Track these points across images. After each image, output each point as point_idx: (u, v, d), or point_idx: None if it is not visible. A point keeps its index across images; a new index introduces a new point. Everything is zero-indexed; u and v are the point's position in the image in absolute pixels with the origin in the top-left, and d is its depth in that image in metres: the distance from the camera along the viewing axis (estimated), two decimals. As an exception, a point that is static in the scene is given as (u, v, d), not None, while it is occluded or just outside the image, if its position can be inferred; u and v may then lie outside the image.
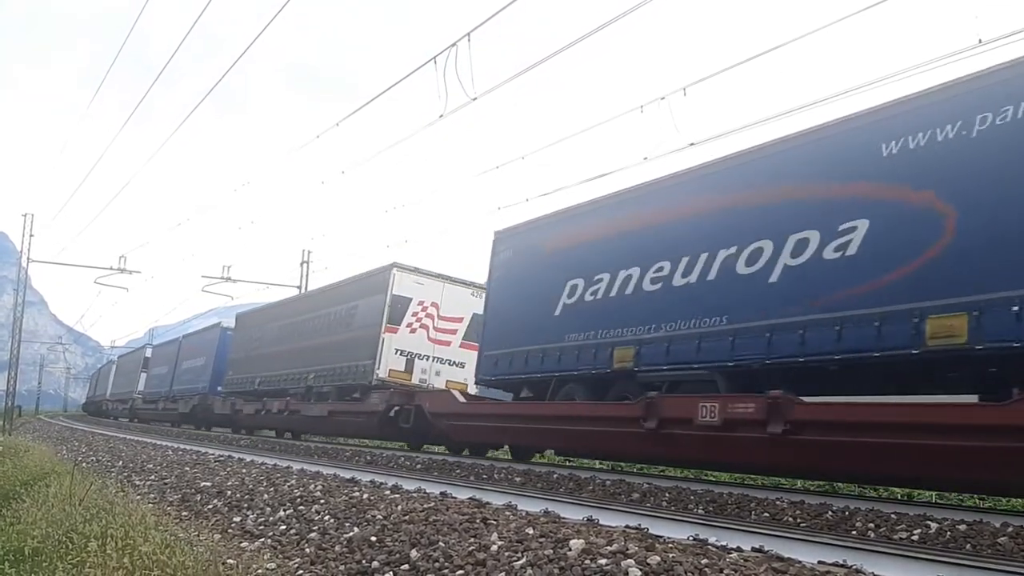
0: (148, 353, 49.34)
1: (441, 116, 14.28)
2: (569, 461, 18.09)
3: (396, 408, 18.79)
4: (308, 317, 25.87)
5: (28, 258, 42.78)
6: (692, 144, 13.44)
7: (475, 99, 13.24)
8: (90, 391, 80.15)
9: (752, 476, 15.26)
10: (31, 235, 43.39)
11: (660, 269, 12.18)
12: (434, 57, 13.05)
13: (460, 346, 21.06)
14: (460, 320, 21.08)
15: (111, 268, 40.36)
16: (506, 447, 18.74)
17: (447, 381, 20.40)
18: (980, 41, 10.09)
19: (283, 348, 26.99)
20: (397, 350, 20.42)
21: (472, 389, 18.76)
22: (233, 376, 31.00)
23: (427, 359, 20.86)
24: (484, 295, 17.56)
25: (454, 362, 21.08)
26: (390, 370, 20.24)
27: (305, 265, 42.49)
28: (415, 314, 20.71)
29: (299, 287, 40.55)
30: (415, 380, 20.43)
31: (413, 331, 20.68)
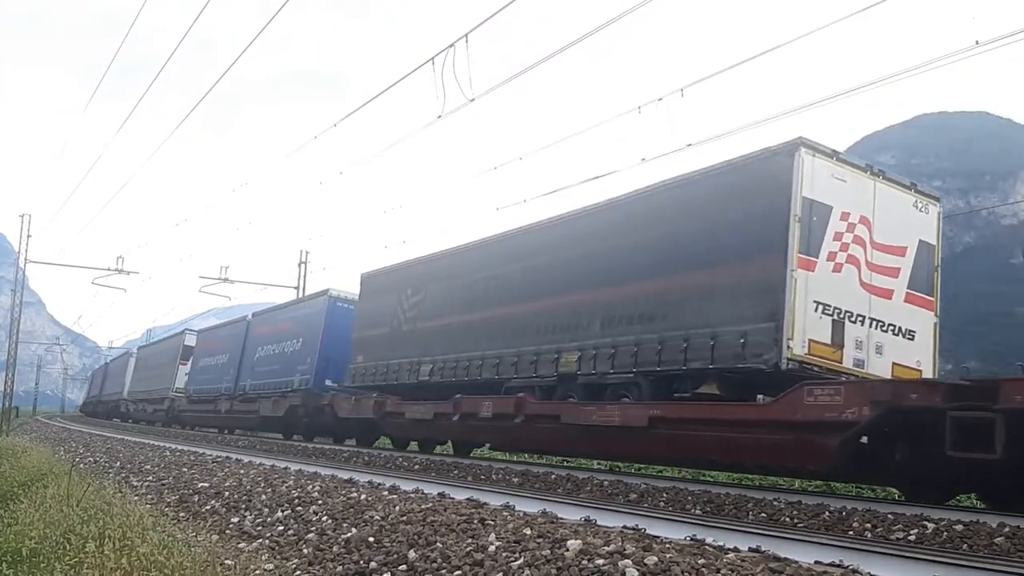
0: (189, 340, 39.29)
1: (439, 117, 14.30)
2: (567, 462, 18.11)
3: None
4: (567, 254, 15.05)
5: (26, 259, 42.75)
6: (689, 145, 13.46)
7: (473, 100, 13.26)
8: (92, 390, 73.50)
9: (749, 477, 15.28)
10: (29, 236, 43.36)
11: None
12: (432, 58, 13.05)
13: (905, 300, 11.84)
14: (903, 252, 11.92)
15: (109, 269, 40.35)
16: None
17: (893, 365, 11.54)
18: (977, 42, 10.13)
19: (496, 313, 16.46)
20: (817, 304, 11.01)
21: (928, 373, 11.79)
22: (367, 363, 20.93)
23: (863, 322, 11.39)
24: (933, 210, 12.29)
25: (899, 329, 11.73)
26: (810, 342, 10.86)
27: (303, 266, 42.51)
28: (839, 236, 11.36)
29: (297, 288, 40.55)
30: (848, 363, 11.14)
31: (838, 269, 11.31)
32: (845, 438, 9.56)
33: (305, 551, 6.21)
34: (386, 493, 8.17)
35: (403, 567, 5.30)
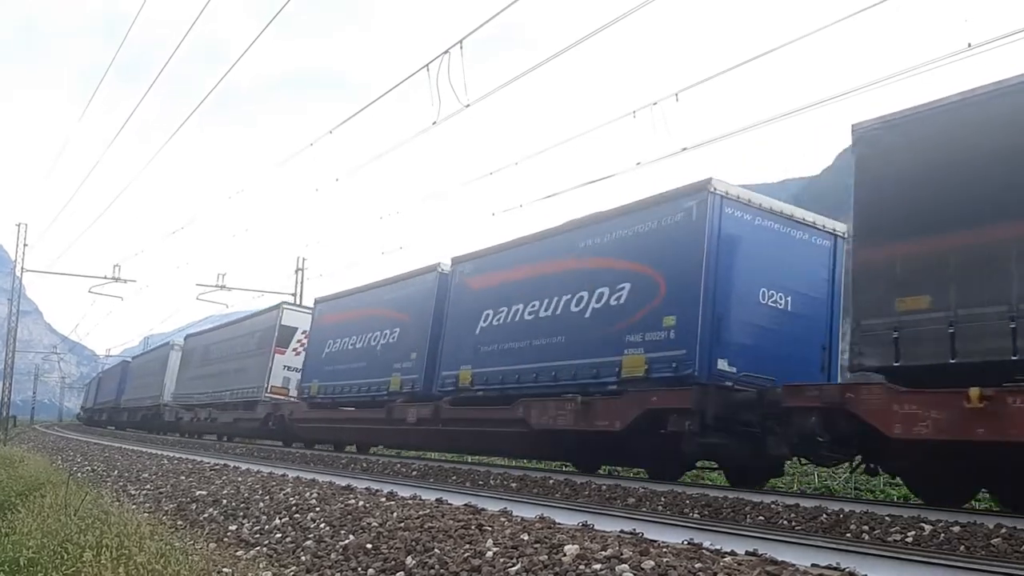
0: (290, 318, 28.36)
1: (434, 123, 14.32)
2: (565, 466, 18.13)
3: None
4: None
5: (23, 267, 42.74)
6: (684, 149, 13.51)
7: (468, 106, 13.29)
8: (99, 397, 65.00)
9: (746, 482, 15.27)
10: (25, 244, 43.38)
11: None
12: (427, 64, 13.09)
13: None
14: None
15: (105, 277, 40.39)
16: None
17: None
18: (969, 45, 10.17)
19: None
20: None
21: None
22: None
23: None
24: None
25: None
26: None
27: (300, 272, 42.53)
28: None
29: (293, 295, 40.56)
30: None
31: None
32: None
33: (303, 558, 6.21)
34: (384, 499, 8.16)
35: (401, 574, 5.30)
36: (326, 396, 22.16)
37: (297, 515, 7.62)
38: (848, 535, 6.94)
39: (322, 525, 7.01)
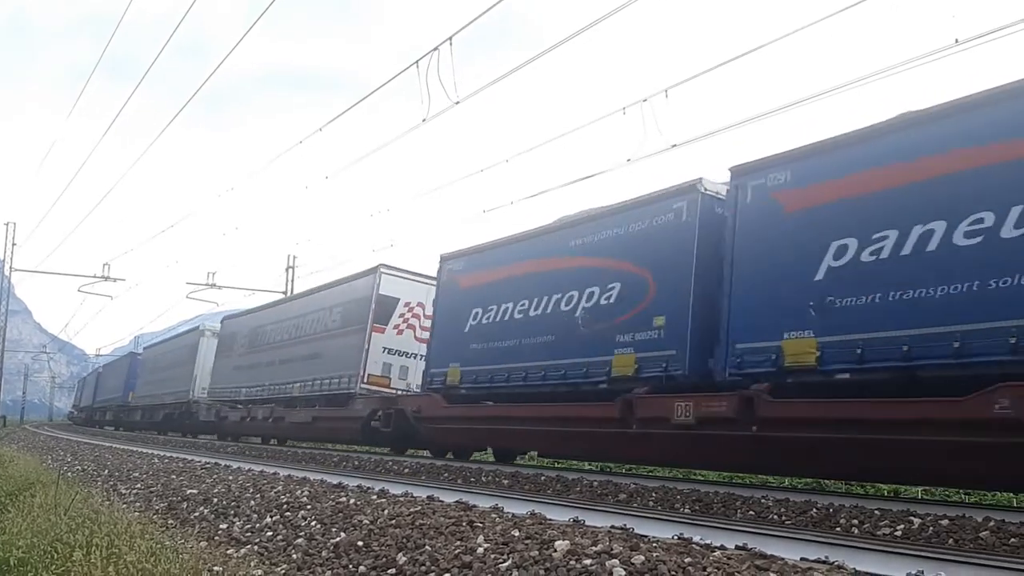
0: (389, 285, 21.49)
1: (424, 120, 14.32)
2: (557, 463, 18.13)
3: None
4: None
5: (11, 267, 42.59)
6: (674, 145, 13.53)
7: (458, 103, 13.29)
8: (93, 395, 61.17)
9: (739, 475, 15.33)
10: (14, 244, 43.22)
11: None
12: (416, 61, 13.07)
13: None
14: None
15: (95, 276, 40.28)
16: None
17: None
18: (956, 41, 10.20)
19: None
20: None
21: None
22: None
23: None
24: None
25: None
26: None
27: (291, 270, 42.47)
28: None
29: (285, 292, 40.46)
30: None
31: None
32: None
33: (294, 556, 6.20)
34: (375, 497, 8.16)
35: (392, 571, 5.30)
36: (477, 386, 15.77)
37: (288, 513, 7.61)
38: (838, 529, 6.98)
39: (313, 523, 7.00)
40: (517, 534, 5.36)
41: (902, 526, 6.74)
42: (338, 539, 6.28)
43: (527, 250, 15.31)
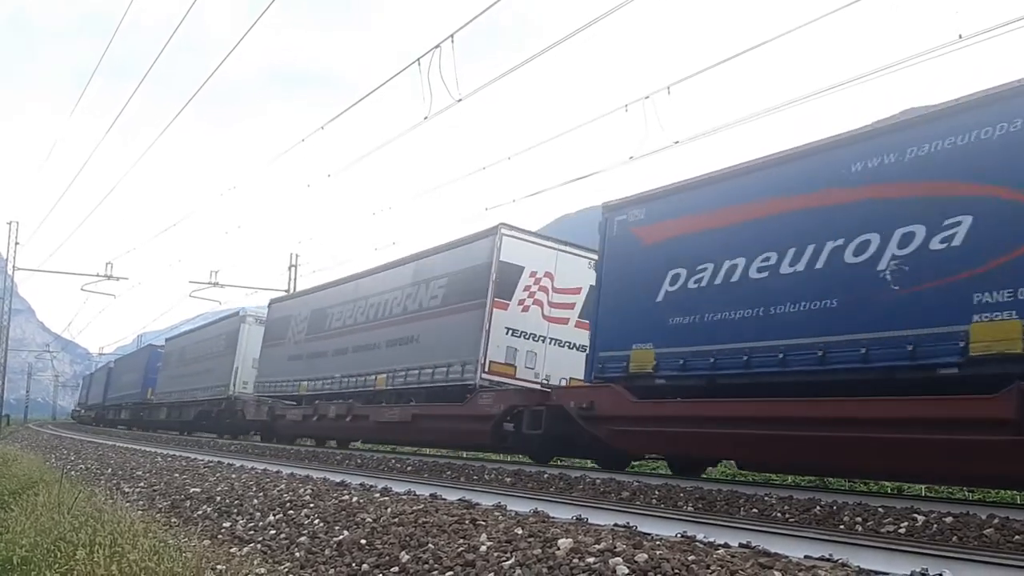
0: (505, 252, 16.94)
1: (426, 118, 14.31)
2: (561, 461, 18.01)
3: None
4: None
5: (14, 266, 42.67)
6: (677, 142, 13.53)
7: (460, 100, 13.28)
8: (103, 393, 56.56)
9: (742, 473, 15.32)
10: (16, 243, 43.28)
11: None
12: (418, 59, 13.07)
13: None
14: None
15: (98, 275, 40.30)
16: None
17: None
18: (960, 36, 10.18)
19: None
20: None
21: None
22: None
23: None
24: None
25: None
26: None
27: (293, 269, 42.47)
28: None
29: (288, 291, 40.47)
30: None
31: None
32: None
33: (297, 554, 6.20)
34: (378, 495, 8.17)
35: (395, 569, 5.30)
36: (686, 373, 11.73)
37: (291, 511, 7.61)
38: (842, 527, 6.97)
39: (316, 521, 7.00)
40: (520, 532, 5.36)
41: (906, 524, 6.73)
42: (341, 537, 6.28)
43: (764, 184, 11.44)
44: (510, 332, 16.62)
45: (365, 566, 5.47)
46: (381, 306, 20.66)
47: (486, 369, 16.30)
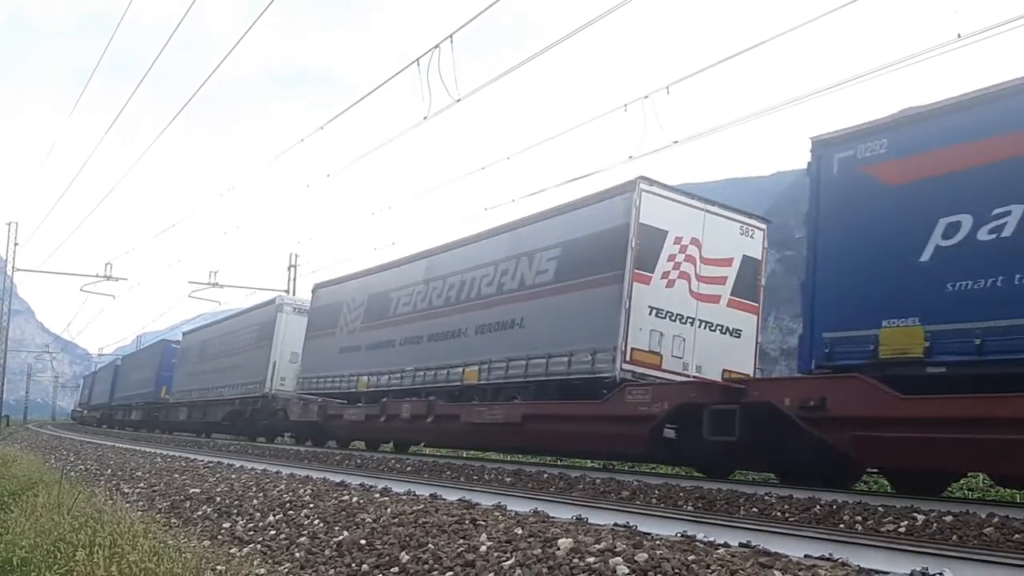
0: (645, 213, 13.61)
1: (425, 118, 14.31)
2: (561, 460, 18.02)
3: None
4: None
5: (13, 266, 42.67)
6: (676, 142, 13.51)
7: (459, 100, 13.27)
8: (109, 393, 52.67)
9: (742, 472, 15.31)
10: (16, 244, 43.28)
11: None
12: (417, 59, 13.06)
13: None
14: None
15: (97, 275, 40.26)
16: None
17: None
18: (959, 36, 10.17)
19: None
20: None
21: None
22: None
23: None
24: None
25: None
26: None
27: (293, 269, 42.45)
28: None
29: (287, 291, 40.46)
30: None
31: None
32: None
33: (297, 555, 6.20)
34: (378, 495, 8.17)
35: (395, 569, 5.30)
36: (984, 358, 8.64)
37: (291, 512, 7.61)
38: (841, 526, 6.97)
39: (316, 522, 7.00)
40: (520, 532, 5.35)
41: (906, 523, 6.73)
42: (341, 538, 6.28)
43: None
44: (654, 312, 13.47)
45: (365, 566, 5.46)
46: (465, 286, 17.45)
47: (627, 358, 13.16)
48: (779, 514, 7.79)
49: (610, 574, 4.28)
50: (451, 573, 4.94)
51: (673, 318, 13.64)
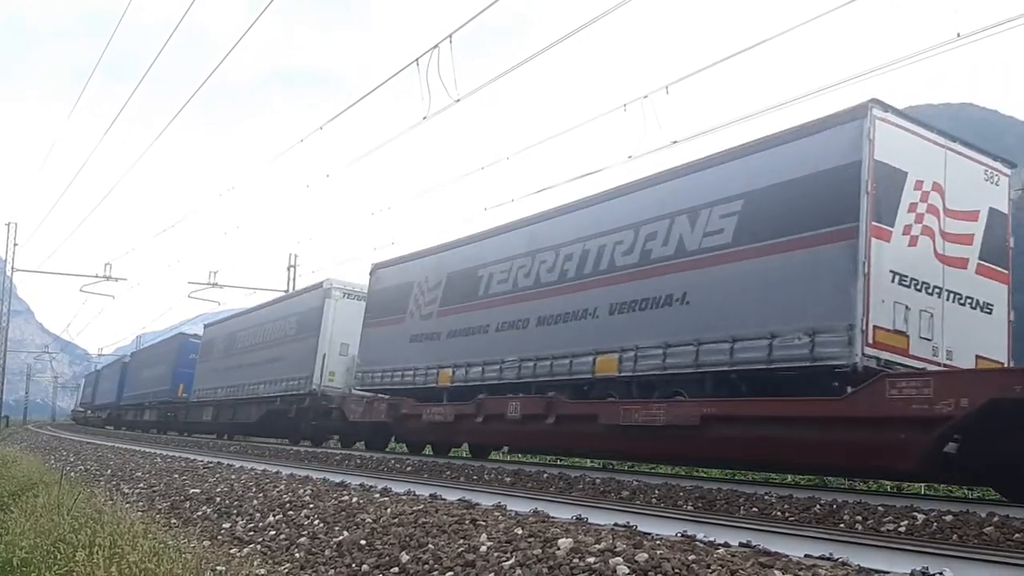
0: (881, 147, 10.27)
1: (425, 118, 14.29)
2: (560, 460, 17.96)
3: None
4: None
5: (13, 267, 42.66)
6: (675, 142, 13.50)
7: (458, 100, 13.26)
8: (117, 392, 49.73)
9: (742, 472, 15.30)
10: (15, 244, 43.27)
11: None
12: (416, 59, 13.05)
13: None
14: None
15: (97, 276, 40.22)
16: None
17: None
18: (959, 35, 10.18)
19: None
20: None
21: None
22: None
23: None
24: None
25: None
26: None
27: (292, 269, 42.43)
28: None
29: (287, 291, 40.41)
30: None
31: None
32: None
33: (297, 555, 6.20)
34: (378, 496, 8.16)
35: (395, 569, 5.30)
36: None
37: (291, 512, 7.61)
38: (842, 525, 6.97)
39: (316, 522, 7.00)
40: (520, 532, 5.35)
41: (906, 522, 6.73)
42: (341, 538, 6.27)
43: None
44: (896, 279, 10.43)
45: (365, 567, 5.46)
46: (590, 255, 14.27)
47: (870, 340, 10.01)
48: (779, 514, 7.79)
49: (610, 574, 4.28)
50: (451, 573, 4.94)
51: (919, 287, 10.61)
